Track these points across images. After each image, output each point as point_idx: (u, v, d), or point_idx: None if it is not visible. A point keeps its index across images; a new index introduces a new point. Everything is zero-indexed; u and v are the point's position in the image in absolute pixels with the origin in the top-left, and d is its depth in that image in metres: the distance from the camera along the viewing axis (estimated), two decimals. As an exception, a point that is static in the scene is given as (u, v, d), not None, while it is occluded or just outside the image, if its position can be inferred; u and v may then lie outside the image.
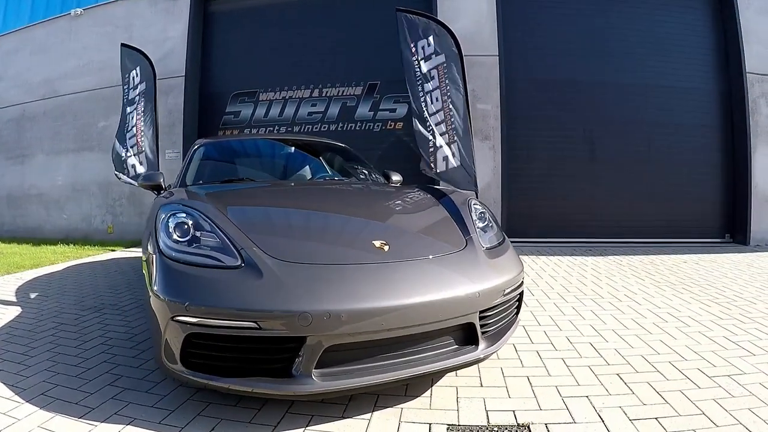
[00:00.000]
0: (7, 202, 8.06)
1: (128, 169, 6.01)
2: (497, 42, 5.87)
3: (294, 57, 6.44)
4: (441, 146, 4.96)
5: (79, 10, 7.43)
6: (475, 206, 2.09)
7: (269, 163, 2.92)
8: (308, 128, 6.36)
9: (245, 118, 6.58)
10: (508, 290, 1.68)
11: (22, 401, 1.63)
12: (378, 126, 6.23)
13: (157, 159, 5.99)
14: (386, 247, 1.64)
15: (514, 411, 1.55)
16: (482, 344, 1.60)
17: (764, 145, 5.93)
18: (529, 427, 1.45)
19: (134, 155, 5.81)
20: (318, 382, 1.35)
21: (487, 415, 1.52)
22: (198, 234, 1.58)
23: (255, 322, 1.32)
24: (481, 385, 1.74)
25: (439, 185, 4.71)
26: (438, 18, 5.32)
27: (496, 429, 1.44)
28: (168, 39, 6.68)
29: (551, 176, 6.07)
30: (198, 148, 2.71)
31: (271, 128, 6.46)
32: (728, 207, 6.14)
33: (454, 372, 1.79)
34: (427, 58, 4.94)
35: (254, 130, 6.49)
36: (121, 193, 7.03)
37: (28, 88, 7.84)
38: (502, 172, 5.80)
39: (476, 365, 1.81)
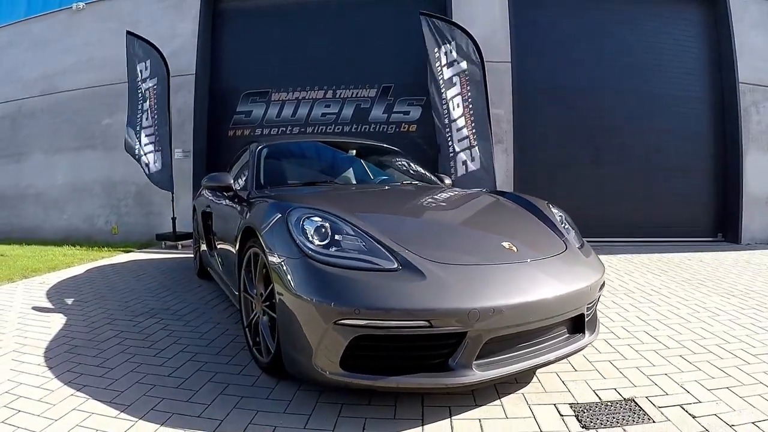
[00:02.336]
0: (0, 202, 7.78)
1: (142, 167, 5.94)
2: (509, 49, 6.06)
3: (307, 58, 6.46)
4: (460, 151, 5.11)
5: (81, 5, 7.22)
6: (555, 210, 2.25)
7: (338, 165, 2.97)
8: (322, 129, 6.41)
9: (257, 118, 6.57)
10: (602, 284, 1.87)
11: (135, 418, 1.56)
12: (392, 128, 6.33)
13: (171, 158, 5.94)
14: (515, 248, 1.77)
15: (615, 389, 1.77)
16: (587, 332, 1.79)
17: (755, 150, 6.32)
18: (634, 400, 1.67)
19: (152, 152, 5.73)
20: (478, 373, 1.47)
21: (596, 394, 1.73)
22: (338, 238, 1.62)
23: (428, 320, 1.40)
24: (575, 370, 1.95)
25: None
26: (448, 20, 5.45)
27: (609, 403, 1.64)
28: (176, 36, 6.58)
29: (558, 178, 6.32)
30: (261, 149, 2.71)
31: (284, 129, 6.47)
32: (721, 208, 6.53)
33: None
34: (450, 64, 5.08)
35: (266, 131, 6.49)
36: (126, 192, 6.90)
37: (24, 84, 7.58)
38: (514, 174, 6.00)
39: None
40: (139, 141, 5.91)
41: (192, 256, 4.44)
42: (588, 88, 6.44)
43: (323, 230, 1.64)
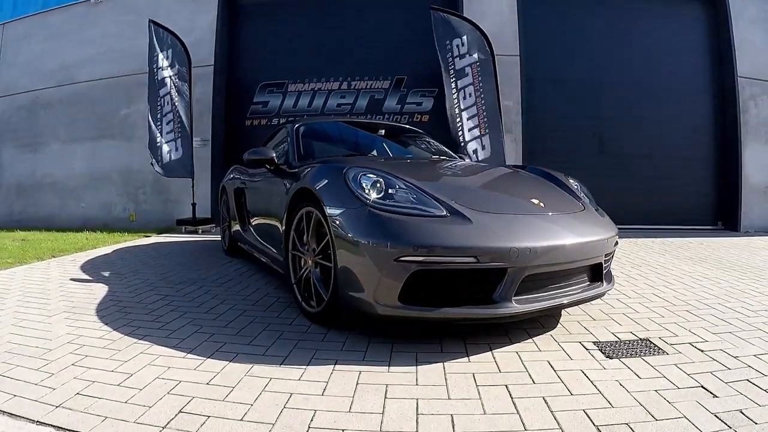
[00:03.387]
0: (17, 191, 7.94)
1: (162, 155, 6.11)
2: (518, 43, 6.28)
3: (322, 50, 6.67)
4: (471, 140, 5.32)
5: (98, -3, 7.40)
6: (572, 180, 2.49)
7: (369, 142, 3.20)
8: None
9: (273, 108, 6.77)
10: (616, 240, 2.12)
11: (203, 358, 1.72)
12: (405, 119, 6.53)
13: (191, 144, 6.13)
14: (542, 204, 2.04)
15: (631, 332, 2.01)
16: (604, 282, 2.03)
17: (753, 141, 6.55)
18: (649, 339, 1.91)
19: (172, 140, 5.91)
20: (516, 306, 1.70)
21: (615, 335, 1.97)
22: (392, 191, 1.83)
23: (475, 257, 1.64)
24: (594, 319, 2.19)
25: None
26: (458, 14, 5.67)
27: (627, 342, 1.89)
28: (195, 29, 6.77)
29: (565, 167, 6.48)
30: (299, 127, 2.94)
31: (301, 119, 6.67)
32: (720, 197, 6.76)
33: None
34: (461, 56, 5.29)
35: (283, 120, 6.68)
36: (144, 181, 7.08)
37: (42, 74, 7.73)
38: (522, 163, 6.22)
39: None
40: (160, 129, 6.09)
41: (218, 237, 4.62)
42: (593, 81, 6.66)
43: (378, 185, 1.86)
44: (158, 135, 6.07)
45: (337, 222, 1.84)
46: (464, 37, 5.32)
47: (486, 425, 1.25)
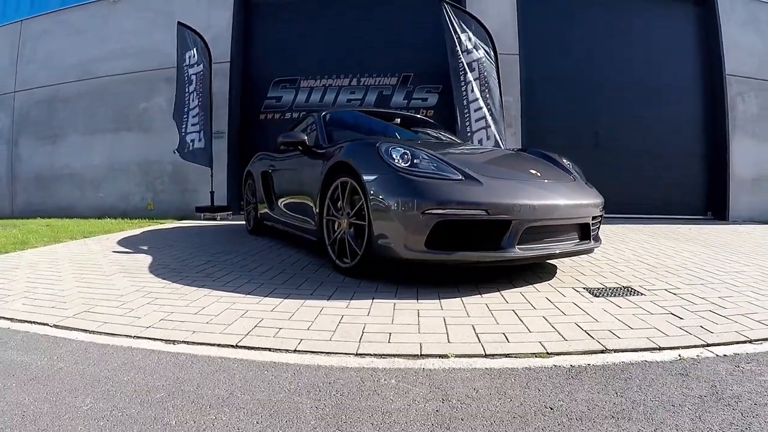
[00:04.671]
0: (35, 182, 8.24)
1: (188, 144, 6.44)
2: (517, 42, 6.64)
3: (333, 48, 7.02)
4: (477, 131, 5.69)
5: (116, -4, 7.73)
6: (565, 160, 2.88)
7: (386, 128, 3.59)
8: (345, 114, 6.96)
9: (287, 102, 7.12)
10: (602, 207, 2.52)
11: (261, 297, 2.09)
12: (411, 113, 6.87)
13: (211, 136, 6.48)
14: (539, 174, 2.44)
15: (615, 282, 2.41)
16: (592, 241, 2.41)
17: (741, 136, 6.94)
18: (630, 286, 2.30)
19: (196, 132, 6.26)
20: (519, 251, 2.11)
21: (602, 284, 2.34)
22: (416, 161, 2.22)
23: (486, 210, 2.04)
24: (584, 274, 2.57)
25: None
26: (466, 11, 6.03)
27: (611, 287, 2.26)
28: (212, 26, 7.10)
29: (562, 161, 6.90)
30: (325, 115, 3.33)
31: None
32: (710, 189, 7.14)
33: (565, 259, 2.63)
34: (468, 52, 5.65)
35: (296, 114, 7.03)
36: (162, 171, 7.41)
37: (61, 70, 8.05)
38: (522, 156, 6.59)
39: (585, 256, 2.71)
40: (186, 122, 6.43)
41: (236, 223, 4.96)
42: (588, 79, 7.03)
43: (405, 156, 2.26)
44: (184, 128, 6.41)
45: (373, 186, 2.22)
46: (471, 33, 5.68)
47: (500, 330, 1.62)
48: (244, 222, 5.01)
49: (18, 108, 8.44)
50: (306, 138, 3.05)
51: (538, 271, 2.59)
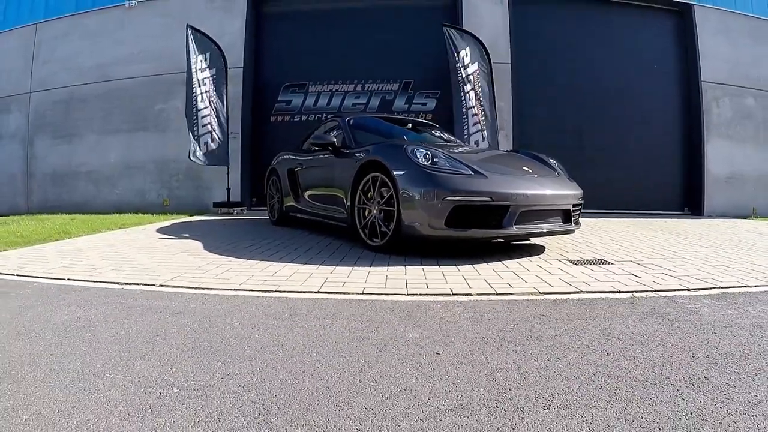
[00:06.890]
0: (52, 179, 8.60)
1: (200, 145, 6.90)
2: (509, 52, 7.23)
3: (339, 55, 7.55)
4: (474, 133, 6.27)
5: (132, 2, 8.14)
6: (551, 160, 3.48)
7: (401, 132, 4.19)
8: (352, 116, 7.49)
9: (296, 106, 7.62)
10: (581, 198, 3.13)
11: (316, 265, 2.60)
12: (411, 116, 7.43)
13: (227, 137, 6.95)
14: (530, 170, 3.05)
15: (592, 257, 3.00)
16: (573, 224, 3.04)
17: (716, 138, 7.61)
18: (603, 258, 2.88)
19: (208, 133, 6.72)
20: (516, 230, 2.72)
21: (582, 258, 2.92)
22: (436, 160, 2.82)
23: (490, 197, 2.64)
24: (567, 251, 3.17)
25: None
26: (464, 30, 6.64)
27: (588, 260, 2.83)
28: (225, 34, 7.57)
29: (552, 160, 7.52)
30: (349, 119, 3.88)
31: (320, 116, 7.53)
32: (686, 186, 7.81)
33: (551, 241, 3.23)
34: (466, 66, 6.25)
35: (304, 118, 7.55)
36: (177, 169, 7.84)
37: (79, 72, 8.42)
38: (515, 155, 7.18)
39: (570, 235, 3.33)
40: (196, 123, 6.88)
41: (253, 217, 5.42)
42: (575, 85, 7.66)
43: (427, 155, 2.85)
44: (195, 129, 6.85)
45: (401, 180, 2.80)
46: (468, 49, 6.28)
47: (505, 281, 2.20)
48: (258, 216, 5.51)
49: (34, 108, 8.80)
50: (335, 140, 3.59)
51: (530, 249, 3.17)
